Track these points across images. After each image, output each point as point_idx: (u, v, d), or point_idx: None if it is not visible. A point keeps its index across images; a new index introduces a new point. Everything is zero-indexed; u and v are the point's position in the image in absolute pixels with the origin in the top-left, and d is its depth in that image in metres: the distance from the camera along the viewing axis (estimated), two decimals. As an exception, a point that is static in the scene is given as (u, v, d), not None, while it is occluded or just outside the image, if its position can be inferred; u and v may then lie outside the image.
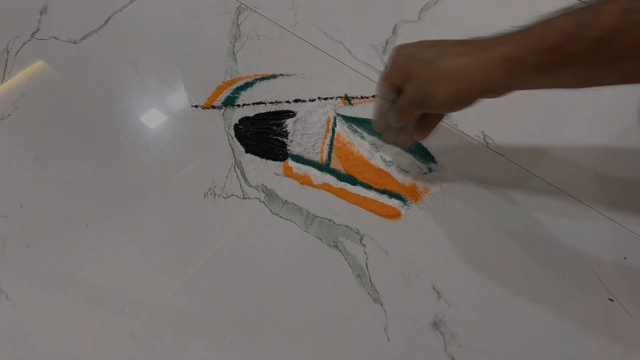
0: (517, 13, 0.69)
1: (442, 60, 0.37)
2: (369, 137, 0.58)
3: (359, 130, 0.59)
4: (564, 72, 0.35)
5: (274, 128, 0.60)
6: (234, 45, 0.69)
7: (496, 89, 0.38)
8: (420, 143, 0.58)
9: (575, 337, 0.45)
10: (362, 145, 0.58)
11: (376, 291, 0.48)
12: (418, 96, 0.39)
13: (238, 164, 0.57)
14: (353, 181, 0.55)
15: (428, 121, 0.46)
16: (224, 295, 0.49)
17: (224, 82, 0.64)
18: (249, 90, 0.64)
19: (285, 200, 0.54)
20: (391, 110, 0.44)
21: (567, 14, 0.35)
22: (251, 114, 0.61)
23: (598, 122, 0.59)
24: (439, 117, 0.47)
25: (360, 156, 0.57)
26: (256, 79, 0.65)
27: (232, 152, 0.58)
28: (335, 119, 0.60)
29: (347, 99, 0.62)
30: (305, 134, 0.59)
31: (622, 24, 0.31)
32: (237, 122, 0.61)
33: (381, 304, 0.47)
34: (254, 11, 0.73)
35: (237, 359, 0.45)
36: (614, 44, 0.32)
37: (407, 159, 0.56)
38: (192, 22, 0.72)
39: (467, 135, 0.58)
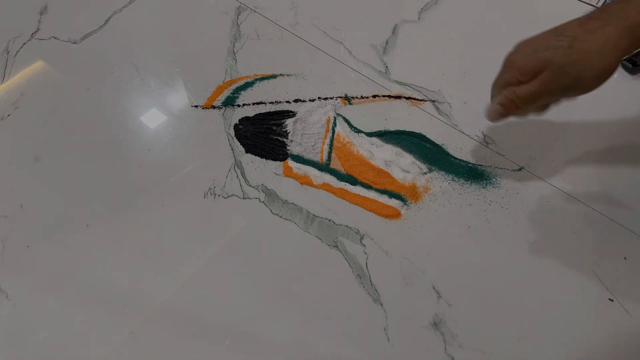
0: (516, 13, 0.70)
1: (583, 40, 0.36)
2: (369, 137, 0.58)
3: (359, 130, 0.59)
4: None
5: (274, 128, 0.60)
6: (234, 45, 0.69)
7: (633, 49, 0.38)
8: (420, 142, 0.58)
9: (575, 337, 0.45)
10: (362, 145, 0.58)
11: (376, 291, 0.48)
12: (563, 82, 0.38)
13: (238, 164, 0.57)
14: (353, 181, 0.55)
15: None
16: (224, 295, 0.49)
17: (224, 82, 0.64)
18: (249, 90, 0.64)
19: (285, 200, 0.54)
20: (523, 103, 0.41)
21: None
22: (251, 114, 0.61)
23: (598, 123, 0.59)
24: None
25: (360, 156, 0.57)
26: (256, 79, 0.65)
27: (232, 152, 0.58)
28: (335, 119, 0.60)
29: (347, 99, 0.62)
30: (305, 134, 0.59)
31: None
32: (237, 122, 0.61)
33: (381, 304, 0.47)
34: (254, 11, 0.73)
35: (236, 359, 0.45)
36: None
37: (407, 159, 0.56)
38: (192, 22, 0.72)
39: (467, 135, 0.58)
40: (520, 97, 0.40)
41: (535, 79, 0.39)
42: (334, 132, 0.59)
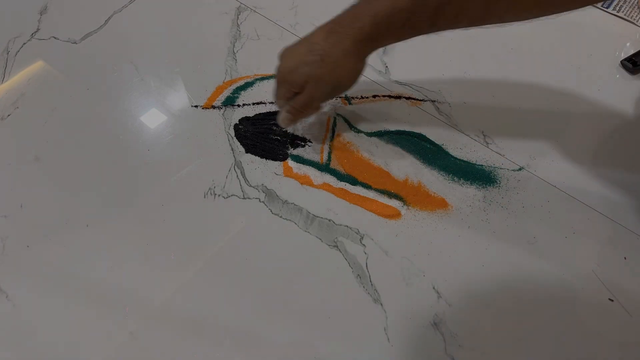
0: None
1: (330, 54, 0.45)
2: (369, 137, 0.58)
3: (359, 130, 0.59)
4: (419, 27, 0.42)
5: (274, 128, 0.60)
6: (234, 45, 0.69)
7: (376, 45, 0.46)
8: (420, 142, 0.58)
9: (575, 337, 0.45)
10: (362, 145, 0.58)
11: (376, 291, 0.48)
12: (325, 89, 0.47)
13: (238, 164, 0.57)
14: (353, 181, 0.55)
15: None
16: (224, 295, 0.49)
17: (224, 82, 0.64)
18: (249, 90, 0.64)
19: (285, 200, 0.54)
20: (297, 110, 0.50)
21: None
22: (251, 114, 0.61)
23: (599, 123, 0.59)
24: None
25: (360, 156, 0.57)
26: (256, 79, 0.65)
27: (232, 152, 0.58)
28: (335, 119, 0.60)
29: (347, 99, 0.62)
30: (305, 134, 0.59)
31: None
32: (237, 122, 0.61)
33: (381, 304, 0.47)
34: (254, 11, 0.73)
35: (237, 359, 0.45)
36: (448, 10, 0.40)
37: (407, 159, 0.56)
38: (192, 22, 0.72)
39: (467, 135, 0.58)
40: (298, 107, 0.49)
41: (305, 91, 0.47)
42: (333, 132, 0.59)
